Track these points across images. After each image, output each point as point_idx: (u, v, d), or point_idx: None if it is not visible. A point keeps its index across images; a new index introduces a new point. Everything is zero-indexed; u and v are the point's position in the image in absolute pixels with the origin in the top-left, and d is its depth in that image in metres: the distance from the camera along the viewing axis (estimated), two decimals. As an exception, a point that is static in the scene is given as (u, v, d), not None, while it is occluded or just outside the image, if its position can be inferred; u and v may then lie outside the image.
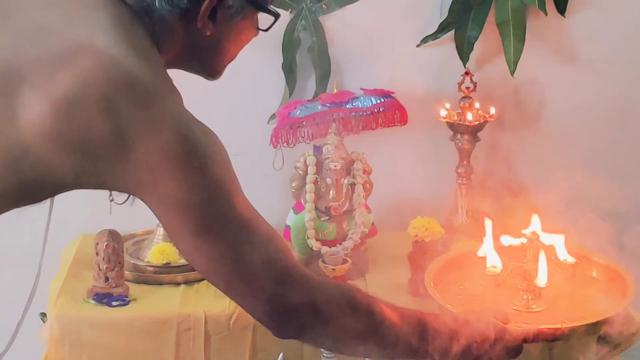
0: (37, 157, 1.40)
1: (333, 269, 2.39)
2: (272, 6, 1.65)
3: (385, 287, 2.46)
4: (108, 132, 1.40)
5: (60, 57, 1.41)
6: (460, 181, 2.63)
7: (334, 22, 2.74)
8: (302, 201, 2.51)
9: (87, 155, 1.41)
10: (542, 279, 1.98)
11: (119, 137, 1.40)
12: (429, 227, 2.43)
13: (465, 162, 2.61)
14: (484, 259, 2.08)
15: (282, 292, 1.51)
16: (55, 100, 1.39)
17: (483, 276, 2.08)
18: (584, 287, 2.06)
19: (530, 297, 1.99)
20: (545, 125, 2.80)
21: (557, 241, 2.07)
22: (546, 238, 2.07)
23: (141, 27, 1.53)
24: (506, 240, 2.10)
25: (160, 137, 1.41)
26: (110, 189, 1.48)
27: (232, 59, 1.69)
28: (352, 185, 2.50)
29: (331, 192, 2.48)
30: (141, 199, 1.46)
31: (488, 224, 2.11)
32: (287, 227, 2.54)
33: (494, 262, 2.06)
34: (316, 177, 2.48)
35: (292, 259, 1.55)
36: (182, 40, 1.59)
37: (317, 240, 2.48)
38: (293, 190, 2.52)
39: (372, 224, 2.57)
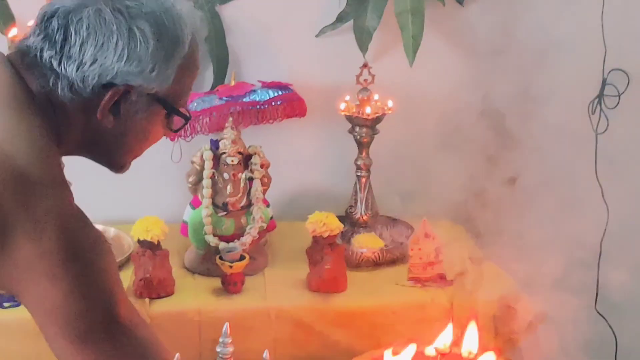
0: None
1: (230, 266, 2.37)
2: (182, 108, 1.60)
3: (284, 282, 2.45)
4: None
5: None
6: (359, 174, 2.62)
7: (231, 12, 2.71)
8: (199, 196, 2.47)
9: None
10: None
11: (1, 233, 1.37)
12: (326, 222, 2.42)
13: (364, 154, 2.60)
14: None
15: None
16: None
17: None
18: None
19: None
20: (442, 116, 2.80)
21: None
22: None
23: (39, 113, 1.48)
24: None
25: (42, 240, 1.38)
26: None
27: (137, 155, 1.65)
28: (250, 180, 2.47)
29: (228, 187, 2.45)
30: (18, 299, 1.42)
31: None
32: (185, 222, 2.51)
33: None
34: (213, 172, 2.45)
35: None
36: (83, 130, 1.55)
37: (214, 235, 2.45)
38: (190, 185, 2.49)
39: (271, 217, 2.55)
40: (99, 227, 2.57)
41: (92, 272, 1.41)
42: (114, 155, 1.62)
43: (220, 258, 2.40)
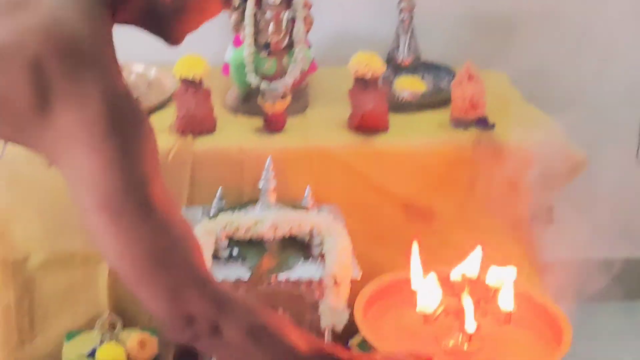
0: None
1: (272, 105, 2.37)
2: None
3: (326, 122, 2.45)
4: (31, 93, 1.36)
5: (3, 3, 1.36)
6: (402, 16, 2.59)
7: None
8: (241, 36, 2.46)
9: (8, 109, 1.37)
10: (470, 325, 1.89)
11: (42, 100, 1.36)
12: (370, 62, 2.40)
13: (407, -5, 2.57)
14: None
15: (188, 300, 1.44)
16: None
17: (415, 308, 1.97)
18: (520, 331, 1.99)
19: (461, 337, 1.92)
20: None
21: (505, 277, 1.97)
22: (493, 275, 1.99)
23: None
24: (444, 273, 2.00)
25: (85, 110, 1.36)
26: (34, 150, 1.44)
27: (194, 29, 1.61)
28: (292, 19, 2.45)
29: (270, 26, 2.43)
30: (57, 167, 1.41)
31: (415, 251, 2.03)
32: (227, 63, 2.51)
33: (426, 301, 1.94)
34: (255, 11, 2.43)
35: (207, 270, 1.48)
36: (140, 4, 1.52)
37: (256, 75, 2.45)
38: (232, 24, 2.47)
39: (312, 59, 2.54)
40: (140, 66, 2.63)
41: (132, 149, 1.39)
42: (171, 29, 1.59)
43: (262, 97, 2.40)
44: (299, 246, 2.14)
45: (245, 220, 2.13)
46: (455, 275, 1.97)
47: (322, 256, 2.11)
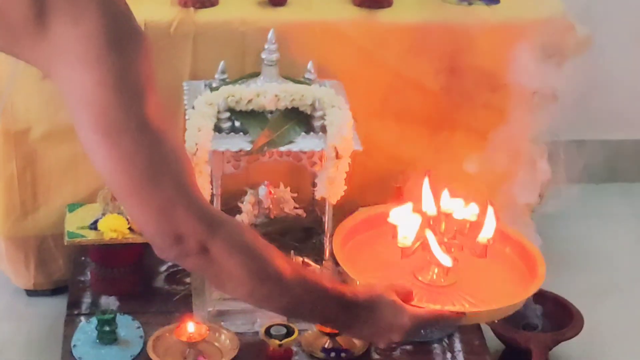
0: None
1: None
2: None
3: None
4: (28, 4, 1.33)
5: None
6: None
7: None
8: None
9: (4, 20, 1.35)
10: (444, 260, 1.85)
11: (39, 12, 1.34)
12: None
13: None
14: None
15: (177, 218, 1.42)
16: None
17: (394, 242, 1.90)
18: (495, 265, 1.94)
19: (436, 271, 1.88)
20: None
21: (484, 214, 1.90)
22: (468, 209, 1.93)
23: None
24: (422, 205, 1.94)
25: (81, 25, 1.34)
26: (28, 62, 1.41)
27: None
28: None
29: None
30: (54, 82, 1.39)
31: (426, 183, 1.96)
32: None
33: (405, 233, 1.88)
34: None
35: (199, 190, 1.47)
36: None
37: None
38: None
39: None
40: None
41: (127, 66, 1.37)
42: None
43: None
44: (300, 119, 2.14)
45: (247, 92, 2.12)
46: (430, 209, 1.93)
47: (323, 129, 2.11)
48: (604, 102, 2.96)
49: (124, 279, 2.30)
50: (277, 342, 2.09)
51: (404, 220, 1.89)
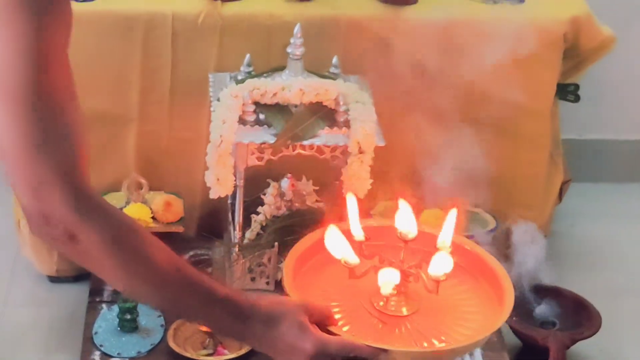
0: None
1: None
2: None
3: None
4: None
5: None
6: None
7: None
8: None
9: None
10: (384, 288, 1.65)
11: None
12: None
13: None
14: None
15: (49, 200, 1.34)
16: None
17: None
18: (460, 289, 1.75)
19: (396, 298, 1.66)
20: None
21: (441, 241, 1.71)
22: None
23: None
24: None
25: None
26: None
27: None
28: None
29: None
30: None
31: (351, 200, 1.76)
32: None
33: (343, 254, 1.68)
34: None
35: (84, 175, 1.38)
36: None
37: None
38: None
39: None
40: None
41: (39, 32, 1.31)
42: None
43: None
44: (324, 113, 2.16)
45: (272, 85, 2.14)
46: (404, 229, 1.73)
47: (347, 124, 2.13)
48: (626, 101, 2.97)
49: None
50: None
51: (337, 242, 1.70)
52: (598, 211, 2.91)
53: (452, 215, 1.73)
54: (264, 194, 2.29)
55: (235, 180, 2.14)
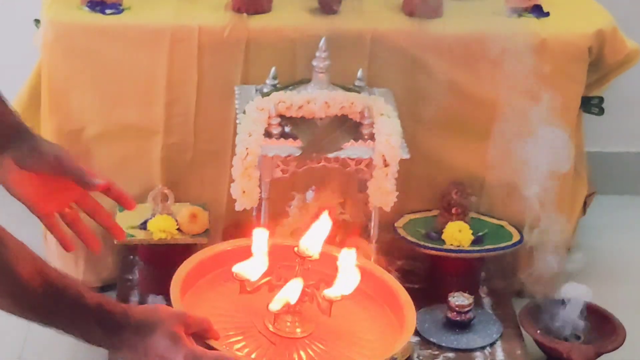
0: None
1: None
2: None
3: (380, 7, 2.46)
4: None
5: None
6: None
7: None
8: None
9: None
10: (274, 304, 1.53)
11: None
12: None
13: None
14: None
15: None
16: None
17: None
18: (359, 311, 1.64)
19: (290, 319, 1.55)
20: None
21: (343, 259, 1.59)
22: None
23: None
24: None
25: None
26: None
27: None
28: None
29: None
30: None
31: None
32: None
33: (241, 267, 1.58)
34: None
35: None
36: None
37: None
38: None
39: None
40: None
41: None
42: None
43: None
44: (349, 126, 2.16)
45: (297, 99, 2.15)
46: (303, 246, 1.60)
47: (372, 137, 2.14)
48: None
49: (172, 279, 2.33)
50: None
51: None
52: (622, 224, 2.91)
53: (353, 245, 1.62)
54: (289, 207, 2.30)
55: (260, 193, 2.15)
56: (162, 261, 2.33)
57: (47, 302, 1.35)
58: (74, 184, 1.53)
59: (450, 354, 2.22)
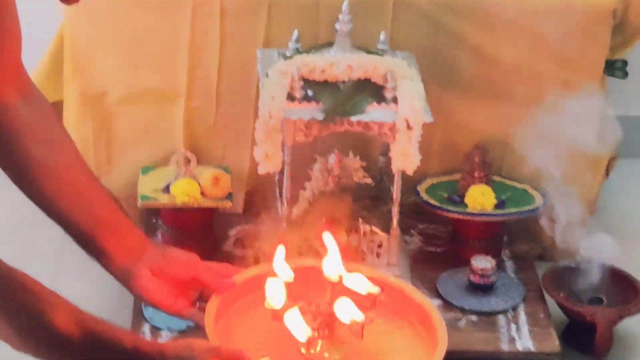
0: None
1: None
2: None
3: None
4: None
5: None
6: None
7: None
8: None
9: None
10: (298, 334, 1.52)
11: None
12: None
13: None
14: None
15: None
16: None
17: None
18: (394, 333, 1.63)
19: (321, 343, 1.55)
20: None
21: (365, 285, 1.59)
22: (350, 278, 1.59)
23: None
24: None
25: None
26: None
27: None
28: None
29: None
30: None
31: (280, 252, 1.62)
32: None
33: (271, 292, 1.57)
34: None
35: None
36: None
37: None
38: None
39: None
40: None
41: None
42: None
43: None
44: (372, 90, 2.16)
45: (320, 62, 2.15)
46: (329, 271, 1.59)
47: (395, 100, 2.13)
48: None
49: (194, 242, 2.34)
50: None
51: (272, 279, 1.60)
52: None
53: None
54: (311, 170, 2.30)
55: (283, 157, 2.15)
56: (185, 224, 2.34)
57: (85, 349, 1.35)
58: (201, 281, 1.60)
59: (473, 317, 2.22)
